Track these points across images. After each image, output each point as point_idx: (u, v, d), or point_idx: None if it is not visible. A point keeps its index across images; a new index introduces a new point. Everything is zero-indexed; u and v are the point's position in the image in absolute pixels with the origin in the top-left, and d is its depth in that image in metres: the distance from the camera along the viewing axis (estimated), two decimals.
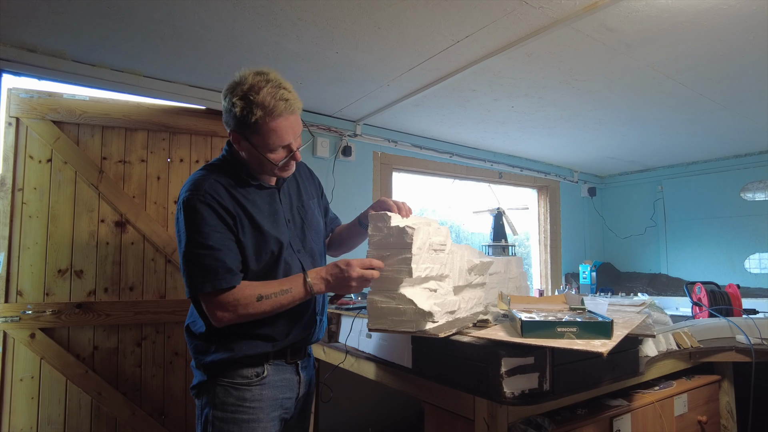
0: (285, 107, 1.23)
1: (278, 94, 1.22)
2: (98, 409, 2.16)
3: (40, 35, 1.87)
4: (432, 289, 1.33)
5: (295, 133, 1.29)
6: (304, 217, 1.43)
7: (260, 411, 1.28)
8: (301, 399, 1.44)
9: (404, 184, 3.49)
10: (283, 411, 1.36)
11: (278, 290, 1.22)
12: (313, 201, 1.52)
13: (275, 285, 1.24)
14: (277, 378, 1.34)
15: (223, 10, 1.68)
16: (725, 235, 3.81)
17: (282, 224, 1.35)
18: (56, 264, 2.15)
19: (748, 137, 3.31)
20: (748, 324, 2.00)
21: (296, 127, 1.29)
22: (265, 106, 1.20)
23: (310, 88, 2.42)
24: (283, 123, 1.24)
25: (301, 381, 1.41)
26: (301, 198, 1.46)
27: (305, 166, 1.59)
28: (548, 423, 1.41)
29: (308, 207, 1.46)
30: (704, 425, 1.91)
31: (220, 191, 1.26)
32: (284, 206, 1.39)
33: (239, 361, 1.28)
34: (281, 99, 1.22)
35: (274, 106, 1.21)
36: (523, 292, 2.02)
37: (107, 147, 2.28)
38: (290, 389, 1.38)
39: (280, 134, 1.24)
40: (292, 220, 1.40)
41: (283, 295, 1.22)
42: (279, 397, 1.33)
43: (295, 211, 1.42)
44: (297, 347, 1.39)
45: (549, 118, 2.91)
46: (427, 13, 1.71)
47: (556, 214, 4.28)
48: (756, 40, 1.88)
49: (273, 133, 1.24)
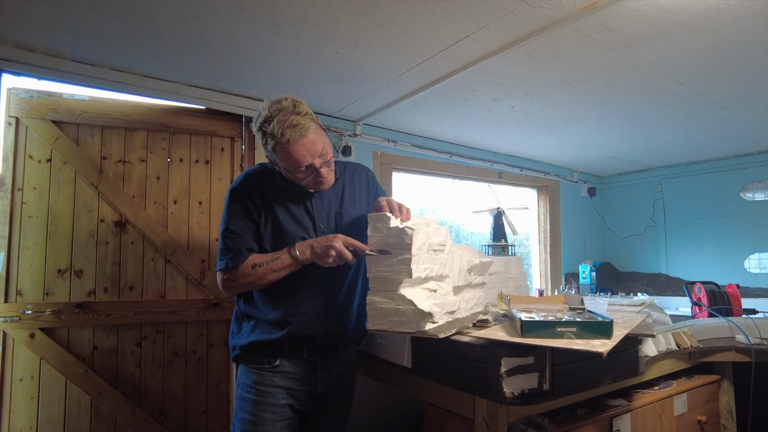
0: (293, 134, 1.31)
1: (288, 121, 1.31)
2: (98, 409, 2.16)
3: (40, 35, 1.87)
4: (432, 290, 1.33)
5: (314, 153, 1.36)
6: (340, 223, 1.52)
7: (270, 396, 1.42)
8: (322, 397, 1.51)
9: (404, 184, 3.49)
10: (296, 401, 1.45)
11: (270, 258, 1.39)
12: (359, 207, 1.57)
13: (268, 255, 1.41)
14: (290, 369, 1.45)
15: (223, 10, 1.68)
16: (725, 235, 3.81)
17: (309, 228, 1.47)
18: (56, 264, 2.15)
19: (748, 137, 3.31)
20: (747, 324, 2.00)
21: (312, 148, 1.35)
22: (275, 135, 1.31)
23: (309, 88, 2.42)
24: (296, 148, 1.32)
25: (319, 379, 1.49)
26: (342, 204, 1.54)
27: (363, 170, 1.67)
28: (548, 423, 1.41)
29: (347, 213, 1.53)
30: (704, 425, 1.91)
31: (254, 187, 1.46)
32: (317, 211, 1.49)
33: (255, 348, 1.45)
34: (290, 126, 1.30)
35: (282, 134, 1.30)
36: (523, 291, 2.03)
37: (107, 147, 2.28)
38: (305, 383, 1.47)
39: (296, 158, 1.34)
40: (325, 225, 1.50)
41: (273, 262, 1.38)
42: (292, 387, 1.45)
43: (331, 217, 1.52)
44: (312, 345, 1.46)
45: (549, 118, 2.91)
46: (427, 13, 1.71)
47: (555, 214, 4.28)
48: (756, 40, 1.88)
49: (289, 158, 1.34)
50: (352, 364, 1.61)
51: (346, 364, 1.57)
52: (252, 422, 1.39)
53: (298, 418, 1.48)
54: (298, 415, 1.47)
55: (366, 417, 2.54)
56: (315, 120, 1.38)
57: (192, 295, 2.39)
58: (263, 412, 1.40)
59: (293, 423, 1.45)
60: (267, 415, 1.40)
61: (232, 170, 2.53)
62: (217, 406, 2.41)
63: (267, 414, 1.40)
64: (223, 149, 2.52)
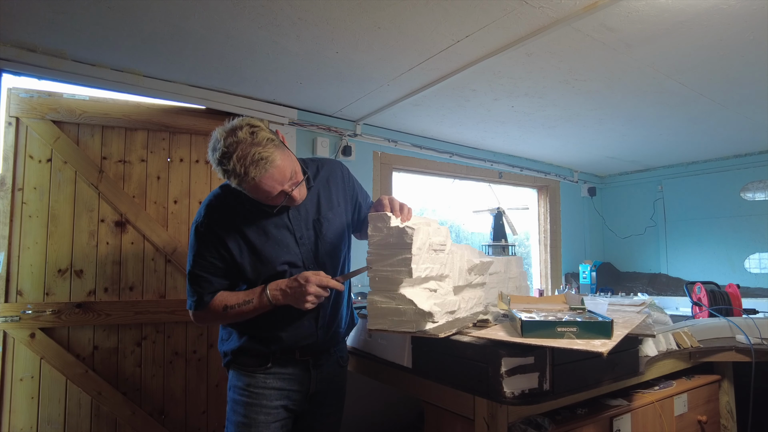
0: (257, 171, 1.19)
1: (249, 157, 1.18)
2: (98, 409, 2.16)
3: (40, 35, 1.87)
4: (432, 289, 1.33)
5: (283, 181, 1.26)
6: (319, 231, 1.45)
7: (263, 397, 1.40)
8: (315, 396, 1.50)
9: (404, 184, 3.49)
10: (290, 402, 1.44)
11: (242, 301, 1.33)
12: (338, 209, 1.51)
13: (240, 296, 1.35)
14: (283, 370, 1.44)
15: (223, 10, 1.68)
16: (725, 235, 3.81)
17: (291, 245, 1.40)
18: (56, 264, 2.15)
19: (748, 137, 3.31)
20: (748, 324, 2.00)
21: (281, 177, 1.25)
22: (238, 174, 1.19)
23: (309, 88, 2.42)
24: (263, 182, 1.22)
25: (312, 378, 1.48)
26: (319, 211, 1.46)
27: (338, 168, 1.56)
28: (548, 423, 1.41)
29: (326, 219, 1.46)
30: (704, 425, 1.91)
31: (218, 220, 1.35)
32: (295, 225, 1.41)
33: (247, 351, 1.43)
34: (252, 163, 1.18)
35: (245, 173, 1.18)
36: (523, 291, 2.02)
37: (107, 147, 2.28)
38: (298, 383, 1.46)
39: (265, 191, 1.24)
40: (305, 236, 1.42)
41: (246, 305, 1.33)
42: (285, 388, 1.43)
43: (309, 227, 1.44)
44: (305, 350, 1.45)
45: (549, 117, 2.91)
46: (427, 13, 1.71)
47: (556, 214, 4.28)
48: (756, 40, 1.88)
49: (257, 192, 1.25)
50: (344, 361, 1.62)
51: (338, 361, 1.58)
52: (246, 425, 1.37)
53: (292, 418, 1.47)
54: (292, 415, 1.46)
55: (366, 417, 2.54)
56: (277, 142, 1.25)
57: None
58: (257, 414, 1.38)
59: (287, 424, 1.44)
60: (261, 417, 1.38)
61: None
62: (217, 405, 2.40)
63: (261, 416, 1.38)
64: None
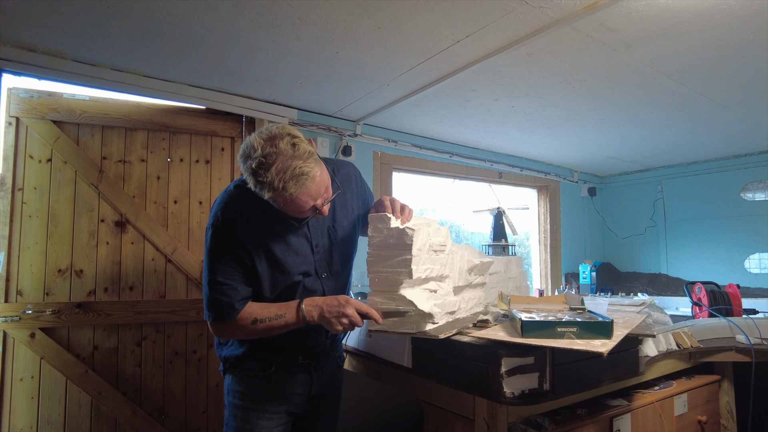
0: (297, 187, 1.11)
1: (290, 171, 1.10)
2: (98, 409, 2.16)
3: (40, 35, 1.87)
4: (432, 290, 1.33)
5: (317, 196, 1.18)
6: (334, 238, 1.41)
7: (265, 402, 1.38)
8: (315, 398, 1.49)
9: (404, 184, 3.49)
10: (292, 405, 1.42)
11: (273, 315, 1.25)
12: (351, 215, 1.47)
13: (272, 309, 1.26)
14: (285, 374, 1.41)
15: (223, 10, 1.68)
16: (725, 235, 3.81)
17: (307, 253, 1.35)
18: (56, 264, 2.15)
19: (748, 137, 3.31)
20: (748, 324, 2.00)
21: (317, 192, 1.17)
22: (275, 187, 1.11)
23: (310, 88, 2.42)
24: (299, 197, 1.14)
25: (313, 381, 1.46)
26: (334, 217, 1.42)
27: (352, 173, 1.50)
28: (548, 423, 1.41)
29: (340, 227, 1.42)
30: (704, 425, 1.91)
31: (239, 223, 1.25)
32: (313, 232, 1.37)
33: (248, 357, 1.38)
34: (292, 178, 1.10)
35: (284, 187, 1.11)
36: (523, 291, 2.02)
37: (107, 147, 2.28)
38: (300, 386, 1.44)
39: (297, 205, 1.17)
40: (320, 244, 1.38)
41: (277, 320, 1.26)
42: (287, 392, 1.41)
43: (324, 234, 1.39)
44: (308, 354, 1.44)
45: (549, 118, 2.91)
46: (427, 13, 1.71)
47: (556, 214, 4.28)
48: (756, 40, 1.88)
49: (289, 205, 1.17)
50: (341, 360, 1.63)
51: (336, 361, 1.58)
52: (248, 430, 1.35)
53: (292, 421, 1.46)
54: (293, 418, 1.45)
55: (366, 417, 2.54)
56: (316, 156, 1.18)
57: (192, 295, 2.39)
58: (259, 419, 1.36)
59: (288, 427, 1.43)
60: (264, 422, 1.36)
61: (232, 170, 2.53)
62: (217, 406, 2.41)
63: (263, 421, 1.36)
64: (224, 149, 2.52)
